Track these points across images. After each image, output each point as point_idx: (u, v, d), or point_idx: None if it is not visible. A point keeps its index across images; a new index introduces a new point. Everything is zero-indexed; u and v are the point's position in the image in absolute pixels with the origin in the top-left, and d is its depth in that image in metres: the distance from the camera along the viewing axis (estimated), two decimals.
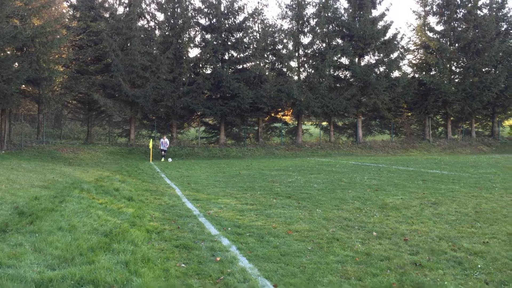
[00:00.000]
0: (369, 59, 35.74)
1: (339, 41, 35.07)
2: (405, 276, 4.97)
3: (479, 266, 5.29)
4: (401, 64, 36.50)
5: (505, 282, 4.77)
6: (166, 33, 32.45)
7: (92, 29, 29.64)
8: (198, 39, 33.99)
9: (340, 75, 36.21)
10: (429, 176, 15.83)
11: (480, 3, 37.04)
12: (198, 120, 36.09)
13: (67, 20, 29.86)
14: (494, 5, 37.22)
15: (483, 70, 36.05)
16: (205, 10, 33.26)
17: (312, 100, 32.17)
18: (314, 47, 34.48)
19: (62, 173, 15.70)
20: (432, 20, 37.59)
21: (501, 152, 33.53)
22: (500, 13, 37.49)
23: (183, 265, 5.38)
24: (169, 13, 32.25)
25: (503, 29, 37.24)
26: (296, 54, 34.06)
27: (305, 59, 34.77)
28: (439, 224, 7.69)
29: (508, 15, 37.86)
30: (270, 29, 33.50)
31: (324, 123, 37.66)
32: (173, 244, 6.34)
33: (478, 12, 36.75)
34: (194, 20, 33.30)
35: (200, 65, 33.66)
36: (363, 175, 16.38)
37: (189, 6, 33.04)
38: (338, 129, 37.98)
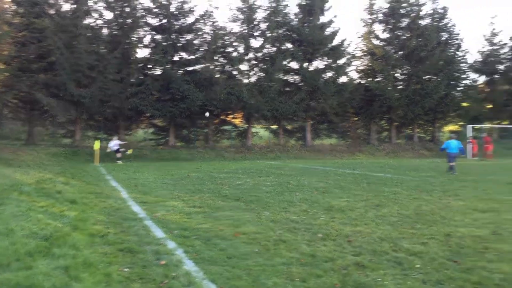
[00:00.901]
0: (318, 64, 36.42)
1: (289, 45, 35.51)
2: (347, 276, 5.09)
3: (417, 266, 5.50)
4: (348, 70, 37.46)
5: (442, 281, 4.97)
6: (114, 32, 31.68)
7: (36, 26, 28.50)
8: (147, 39, 33.43)
9: (290, 80, 36.68)
10: (374, 179, 16.30)
11: (422, 13, 38.62)
12: (146, 122, 35.44)
13: (9, 16, 28.58)
14: (435, 16, 38.91)
15: (425, 77, 37.53)
16: (155, 10, 32.76)
17: (262, 103, 32.38)
18: (265, 50, 34.72)
19: (1, 175, 14.97)
20: (378, 28, 38.65)
21: (441, 156, 34.96)
22: (441, 23, 39.22)
23: (126, 269, 5.26)
24: (117, 12, 31.50)
25: (443, 38, 38.94)
26: (247, 57, 34.20)
27: (255, 62, 34.94)
28: (382, 225, 7.93)
29: (448, 25, 39.69)
30: (221, 32, 33.46)
31: (274, 126, 38.02)
32: (117, 248, 6.18)
33: (421, 22, 38.28)
34: (144, 20, 32.72)
35: (150, 66, 33.13)
36: (311, 178, 16.64)
37: (139, 6, 32.42)
38: (288, 133, 38.42)
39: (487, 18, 40.66)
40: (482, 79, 43.30)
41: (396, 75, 38.70)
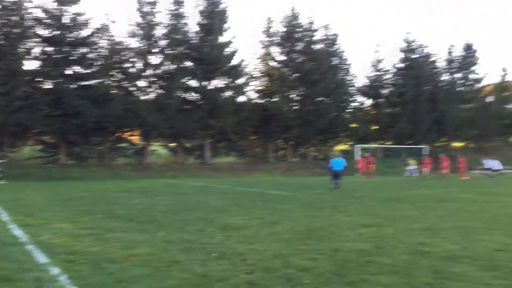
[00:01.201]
0: (217, 83, 36.84)
1: (189, 63, 35.55)
2: None
3: (306, 281, 5.69)
4: (246, 89, 38.42)
5: None
6: (0, 42, 29.44)
7: None
8: (37, 51, 31.47)
9: (189, 97, 36.64)
10: (270, 196, 16.72)
11: (316, 38, 40.89)
12: (34, 138, 33.16)
13: None
14: (327, 42, 41.38)
15: (318, 99, 39.58)
16: (46, 21, 31.05)
17: (160, 120, 31.90)
18: (164, 67, 34.40)
19: None
20: (275, 50, 40.22)
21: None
22: (332, 49, 41.80)
23: None
24: (3, 21, 29.33)
25: (334, 63, 41.48)
26: (145, 74, 33.58)
27: (154, 79, 34.44)
28: (275, 242, 8.12)
29: (339, 51, 42.43)
30: (118, 47, 32.57)
31: (173, 144, 37.57)
32: None
33: (314, 46, 40.46)
34: (33, 30, 30.81)
35: (39, 79, 31.17)
36: (208, 196, 16.64)
37: (28, 15, 30.48)
38: (186, 151, 38.16)
39: (372, 45, 44.45)
40: (368, 102, 46.75)
41: (292, 96, 40.38)
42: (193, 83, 35.77)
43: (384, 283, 5.65)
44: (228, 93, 36.51)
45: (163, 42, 34.00)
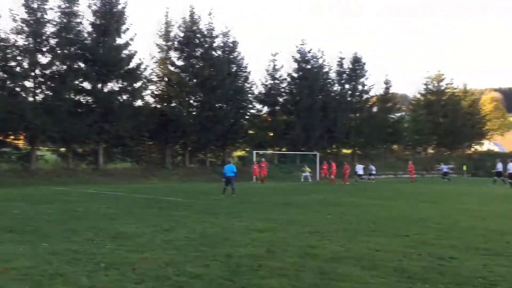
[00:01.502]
0: (113, 86, 35.46)
1: (82, 64, 33.84)
2: None
3: None
4: (144, 94, 37.43)
5: None
6: None
7: None
8: None
9: (82, 100, 34.82)
10: (165, 203, 16.45)
11: (215, 45, 41.11)
12: None
13: None
14: (226, 48, 41.82)
15: (217, 105, 39.75)
16: None
17: (49, 124, 29.92)
18: (54, 68, 32.34)
19: None
20: (174, 55, 39.74)
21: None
22: (231, 56, 42.31)
23: None
24: None
25: (233, 70, 41.97)
26: (32, 74, 31.34)
27: (43, 80, 32.22)
28: (168, 250, 8.00)
29: (238, 58, 43.03)
30: (2, 44, 30.03)
31: (63, 149, 35.37)
32: None
33: (214, 53, 40.66)
34: None
35: None
36: (100, 204, 15.94)
37: None
38: (78, 156, 36.10)
39: (269, 54, 45.77)
40: (265, 109, 47.95)
41: (191, 101, 40.14)
42: (86, 85, 34.08)
43: (274, 287, 5.83)
44: (124, 97, 35.32)
45: (53, 41, 31.97)
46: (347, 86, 52.47)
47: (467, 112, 66.23)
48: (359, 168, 36.31)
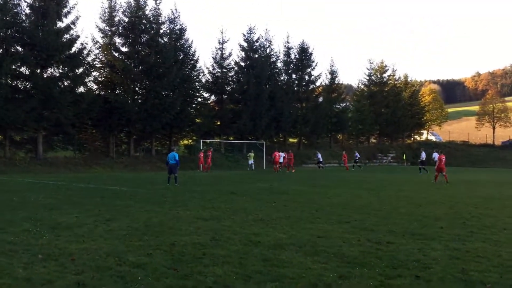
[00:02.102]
0: (53, 71, 34.07)
1: (19, 48, 32.24)
2: None
3: (139, 278, 5.60)
4: (86, 80, 36.22)
5: None
6: None
7: None
8: None
9: (19, 86, 33.24)
10: (109, 192, 16.07)
11: (161, 31, 40.31)
12: None
13: None
14: (173, 35, 41.11)
15: (163, 93, 39.09)
16: None
17: None
18: None
19: None
20: (118, 40, 38.59)
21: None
22: (178, 43, 41.66)
23: None
24: None
25: (180, 57, 41.37)
26: None
27: None
28: (110, 240, 7.84)
29: (185, 45, 42.44)
30: None
31: None
32: None
33: (160, 39, 39.87)
34: None
35: None
36: (39, 193, 15.36)
37: None
38: (15, 144, 34.49)
39: (217, 42, 45.27)
40: (212, 98, 47.73)
41: (136, 89, 39.26)
42: (24, 70, 32.52)
43: (217, 274, 5.84)
44: (66, 83, 34.01)
45: None
46: (294, 76, 53.11)
47: (407, 103, 68.88)
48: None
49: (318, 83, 56.10)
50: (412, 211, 12.18)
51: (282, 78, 51.83)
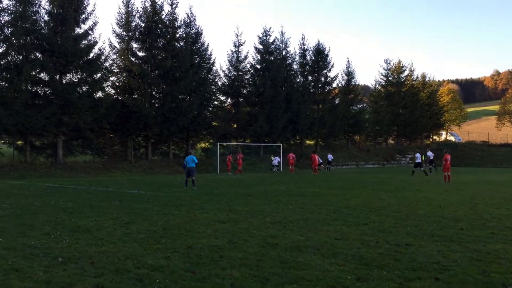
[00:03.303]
0: (72, 77, 34.61)
1: (39, 55, 32.84)
2: None
3: (157, 280, 5.64)
4: (104, 85, 36.70)
5: None
6: None
7: None
8: None
9: (39, 91, 33.86)
10: (127, 196, 16.22)
11: (177, 36, 40.62)
12: None
13: None
14: (189, 39, 41.38)
15: (180, 97, 39.38)
16: None
17: (4, 116, 28.94)
18: (9, 58, 31.24)
19: None
20: (135, 45, 39.03)
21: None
22: (194, 47, 41.92)
23: None
24: None
25: (196, 61, 41.61)
26: None
27: None
28: (128, 243, 7.91)
29: (201, 49, 42.68)
30: None
31: (19, 142, 34.31)
32: None
33: (176, 43, 40.17)
34: None
35: None
36: (59, 197, 15.58)
37: None
38: (36, 149, 35.14)
39: (232, 45, 45.51)
40: (229, 101, 47.84)
41: (153, 93, 39.61)
42: (44, 76, 33.09)
43: (235, 277, 5.85)
44: (84, 88, 34.51)
45: (8, 31, 30.83)
46: (310, 77, 52.96)
47: (425, 103, 68.08)
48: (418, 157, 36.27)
49: (334, 85, 55.79)
50: (431, 212, 12.04)
51: (298, 80, 51.69)
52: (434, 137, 75.15)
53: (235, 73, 46.74)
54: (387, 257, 6.95)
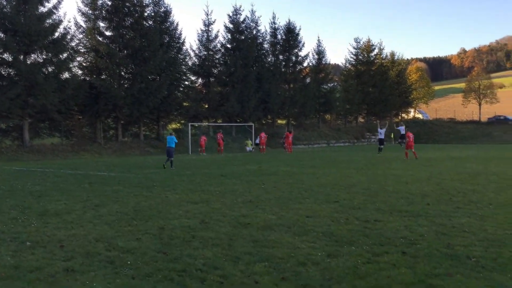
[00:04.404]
0: (37, 57, 33.52)
1: (1, 34, 31.64)
2: (55, 284, 4.84)
3: (128, 262, 5.62)
4: (71, 65, 35.74)
5: (150, 274, 5.16)
6: None
7: None
8: None
9: (3, 72, 32.72)
10: (97, 178, 16.00)
11: (146, 14, 39.75)
12: None
13: None
14: (158, 18, 40.57)
15: (149, 77, 38.76)
16: None
17: None
18: None
19: None
20: (102, 24, 38.00)
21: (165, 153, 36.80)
22: (163, 26, 41.15)
23: None
24: None
25: (166, 41, 40.93)
26: None
27: None
28: (99, 226, 7.83)
29: (170, 28, 41.95)
30: None
31: None
32: None
33: (144, 22, 39.33)
34: None
35: None
36: (26, 181, 15.25)
37: None
38: (1, 132, 34.10)
39: (202, 24, 44.70)
40: (199, 81, 47.40)
41: (122, 73, 38.84)
42: (7, 56, 31.95)
43: (206, 256, 5.88)
44: (50, 69, 33.52)
45: None
46: (281, 57, 52.85)
47: (394, 81, 69.04)
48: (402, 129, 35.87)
49: (305, 64, 55.97)
50: (400, 189, 12.31)
51: (269, 59, 51.55)
52: (402, 115, 76.46)
53: (205, 53, 46.24)
54: (356, 233, 7.10)
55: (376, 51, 67.32)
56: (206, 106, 46.02)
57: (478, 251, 5.97)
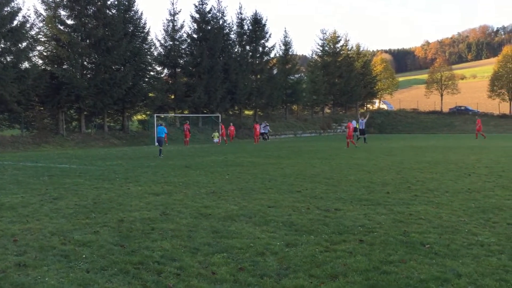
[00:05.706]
0: None
1: None
2: (4, 280, 4.69)
3: (84, 256, 5.49)
4: (31, 55, 34.63)
5: (105, 267, 5.06)
6: None
7: None
8: None
9: None
10: (57, 171, 15.62)
11: (109, 3, 38.80)
12: None
13: None
14: (121, 7, 39.67)
15: (113, 67, 37.95)
16: None
17: None
18: None
19: None
20: (63, 13, 36.86)
21: (130, 144, 36.35)
22: (127, 15, 40.29)
23: None
24: None
25: (130, 30, 40.10)
26: None
27: None
28: (56, 219, 7.64)
29: (135, 17, 41.12)
30: None
31: None
32: None
33: (107, 11, 38.40)
34: None
35: None
36: None
37: None
38: None
39: (167, 13, 43.99)
40: (165, 71, 46.79)
41: (84, 63, 37.90)
42: None
43: (165, 248, 5.82)
44: (8, 58, 32.38)
45: None
46: (247, 47, 52.71)
47: (360, 72, 70.02)
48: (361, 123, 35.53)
49: (272, 55, 55.99)
50: (361, 178, 12.51)
51: (236, 50, 51.35)
52: (367, 105, 77.71)
53: (171, 43, 45.62)
54: (316, 222, 7.17)
55: (342, 42, 68.05)
56: (173, 97, 45.49)
57: (432, 238, 6.13)
